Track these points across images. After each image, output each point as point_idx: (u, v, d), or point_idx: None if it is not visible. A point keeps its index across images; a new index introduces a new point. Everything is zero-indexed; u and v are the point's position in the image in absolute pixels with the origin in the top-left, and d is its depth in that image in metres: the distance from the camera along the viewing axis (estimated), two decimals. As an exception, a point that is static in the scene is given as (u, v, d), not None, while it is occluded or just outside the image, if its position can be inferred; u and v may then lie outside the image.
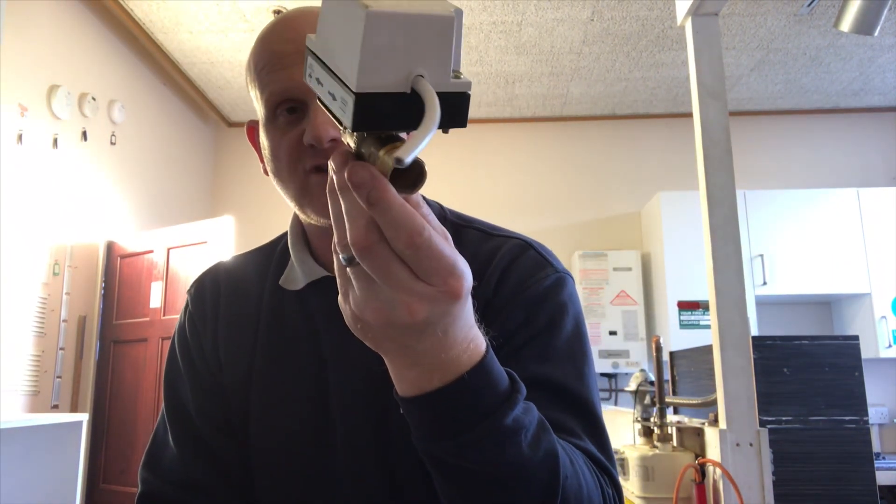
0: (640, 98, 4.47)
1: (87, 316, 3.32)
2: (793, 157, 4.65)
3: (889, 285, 3.97)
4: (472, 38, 3.68)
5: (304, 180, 0.70)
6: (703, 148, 1.82)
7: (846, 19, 2.16)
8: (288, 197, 0.73)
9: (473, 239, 0.77)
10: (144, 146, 3.83)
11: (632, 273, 4.19)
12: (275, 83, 0.69)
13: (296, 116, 0.70)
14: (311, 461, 0.74)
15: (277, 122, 0.70)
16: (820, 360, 1.80)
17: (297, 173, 0.70)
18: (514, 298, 0.71)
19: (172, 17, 3.43)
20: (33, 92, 2.91)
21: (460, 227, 0.80)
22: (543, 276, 0.72)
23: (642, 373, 2.10)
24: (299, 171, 0.70)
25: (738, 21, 3.51)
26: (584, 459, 0.61)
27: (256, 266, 0.85)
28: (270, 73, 0.69)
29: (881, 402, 4.16)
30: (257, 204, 4.62)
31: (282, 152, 0.70)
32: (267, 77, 0.70)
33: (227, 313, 0.82)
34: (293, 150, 0.69)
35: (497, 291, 0.71)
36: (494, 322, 0.67)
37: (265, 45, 0.71)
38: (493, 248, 0.75)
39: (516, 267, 0.73)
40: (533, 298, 0.70)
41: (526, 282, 0.72)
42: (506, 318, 0.69)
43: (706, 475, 1.69)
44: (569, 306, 0.72)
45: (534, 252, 0.75)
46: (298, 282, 0.78)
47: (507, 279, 0.72)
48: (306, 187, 0.70)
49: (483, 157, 4.74)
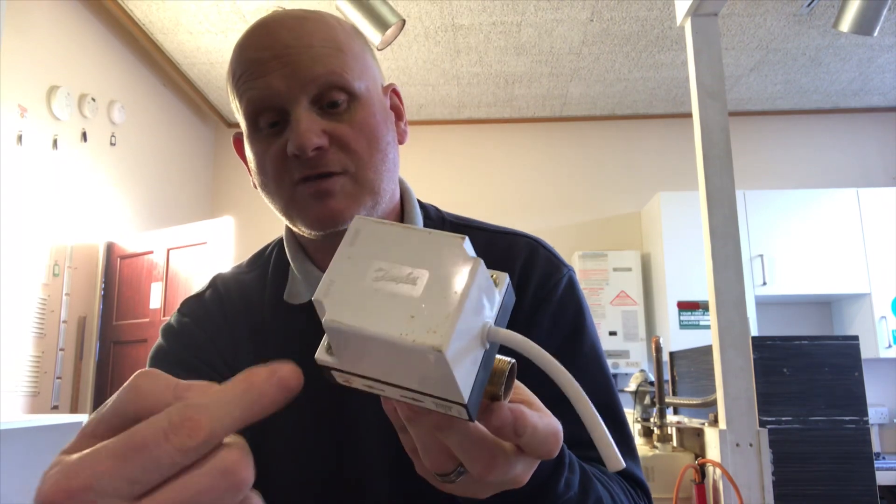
0: (640, 98, 4.47)
1: (86, 317, 3.32)
2: (793, 157, 4.65)
3: (889, 285, 3.97)
4: (472, 39, 3.68)
5: (292, 192, 0.67)
6: (703, 148, 1.82)
7: (846, 19, 2.17)
8: (277, 210, 0.71)
9: (480, 238, 0.77)
10: (144, 147, 3.83)
11: (632, 273, 4.19)
12: (252, 90, 0.66)
13: (278, 129, 0.66)
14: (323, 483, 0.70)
15: (260, 135, 0.67)
16: (820, 361, 1.80)
17: (285, 185, 0.67)
18: (539, 306, 0.72)
19: (172, 17, 3.44)
20: (33, 93, 2.91)
21: (461, 228, 0.80)
22: (560, 278, 0.74)
23: (642, 373, 2.10)
24: (286, 182, 0.67)
25: (737, 21, 3.51)
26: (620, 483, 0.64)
27: (253, 280, 0.80)
28: (248, 80, 0.66)
29: (881, 402, 4.16)
30: (257, 204, 4.61)
31: (267, 165, 0.67)
32: (244, 85, 0.66)
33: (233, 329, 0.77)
34: (278, 162, 0.66)
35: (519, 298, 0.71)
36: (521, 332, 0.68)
37: (242, 53, 0.67)
38: (506, 248, 0.76)
39: (532, 268, 0.74)
40: (556, 304, 0.72)
41: (545, 285, 0.73)
42: (534, 328, 0.71)
43: (706, 475, 1.69)
44: (584, 306, 0.75)
45: (544, 250, 0.77)
46: (302, 294, 0.75)
47: (526, 283, 0.73)
48: (294, 199, 0.67)
49: (483, 157, 4.74)
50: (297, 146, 0.63)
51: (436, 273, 0.35)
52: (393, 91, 0.76)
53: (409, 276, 0.35)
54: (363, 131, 0.67)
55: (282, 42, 0.65)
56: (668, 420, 1.95)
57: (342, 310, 0.35)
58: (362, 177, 0.67)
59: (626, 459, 0.68)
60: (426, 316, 0.33)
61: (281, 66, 0.65)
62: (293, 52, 0.65)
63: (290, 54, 0.65)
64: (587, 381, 0.69)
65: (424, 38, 3.66)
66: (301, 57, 0.65)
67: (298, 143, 0.63)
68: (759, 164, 4.60)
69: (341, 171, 0.66)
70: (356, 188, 0.67)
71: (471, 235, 0.78)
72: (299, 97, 0.65)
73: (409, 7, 3.32)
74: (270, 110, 0.66)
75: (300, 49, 0.65)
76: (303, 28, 0.66)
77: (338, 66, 0.66)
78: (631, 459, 0.69)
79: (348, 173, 0.67)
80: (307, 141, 0.63)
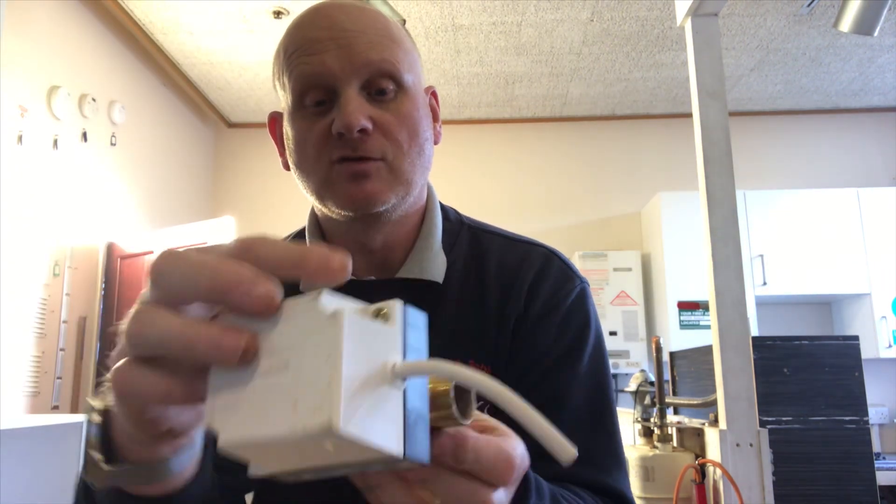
0: (640, 98, 4.47)
1: (87, 317, 3.32)
2: (793, 157, 4.65)
3: (889, 285, 3.97)
4: (472, 39, 3.68)
5: (328, 171, 0.68)
6: (703, 148, 1.82)
7: (846, 19, 2.17)
8: (308, 189, 0.72)
9: (497, 245, 0.79)
10: (145, 147, 3.83)
11: (632, 273, 4.19)
12: (305, 65, 0.67)
13: (324, 108, 0.68)
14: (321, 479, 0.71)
15: (305, 111, 0.69)
16: (820, 361, 1.80)
17: (322, 163, 0.68)
18: (548, 314, 0.73)
19: (172, 17, 3.44)
20: (33, 92, 2.91)
21: (479, 231, 0.82)
22: (571, 288, 0.76)
23: (642, 373, 2.10)
24: (324, 161, 0.68)
25: (737, 21, 3.51)
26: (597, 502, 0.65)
27: None
28: (301, 55, 0.67)
29: (881, 402, 4.16)
30: (257, 204, 4.62)
31: (308, 142, 0.68)
32: (297, 60, 0.68)
33: None
34: (321, 141, 0.68)
35: (528, 306, 0.74)
36: (528, 339, 0.72)
37: (297, 31, 0.69)
38: (520, 257, 0.78)
39: (545, 280, 0.75)
40: (564, 313, 0.74)
41: (556, 294, 0.75)
42: (540, 335, 0.72)
43: (706, 475, 1.69)
44: (593, 318, 0.76)
45: (559, 261, 0.78)
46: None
47: (537, 293, 0.74)
48: (329, 178, 0.69)
49: (483, 157, 4.74)
50: (345, 125, 0.64)
51: (304, 346, 0.32)
52: (432, 93, 0.78)
53: (282, 359, 0.32)
54: (406, 122, 0.69)
55: (340, 24, 0.67)
56: (669, 420, 1.95)
57: (231, 427, 0.32)
58: (398, 166, 0.69)
59: (613, 472, 0.69)
60: (308, 396, 0.30)
61: (336, 46, 0.66)
62: (350, 35, 0.67)
63: (346, 37, 0.66)
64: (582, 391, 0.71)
65: (425, 38, 3.66)
66: (358, 40, 0.67)
67: (346, 122, 0.64)
68: (759, 164, 4.60)
69: (380, 157, 0.68)
70: (391, 176, 0.69)
71: (487, 241, 0.80)
72: (351, 79, 0.66)
73: (409, 7, 3.32)
74: (319, 88, 0.67)
75: (357, 33, 0.67)
76: (361, 15, 0.69)
77: (391, 56, 0.68)
78: (617, 471, 0.69)
79: (386, 160, 0.68)
80: (355, 120, 0.64)
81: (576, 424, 0.69)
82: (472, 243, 0.80)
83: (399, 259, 0.76)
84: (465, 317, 0.75)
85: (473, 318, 0.75)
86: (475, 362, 0.73)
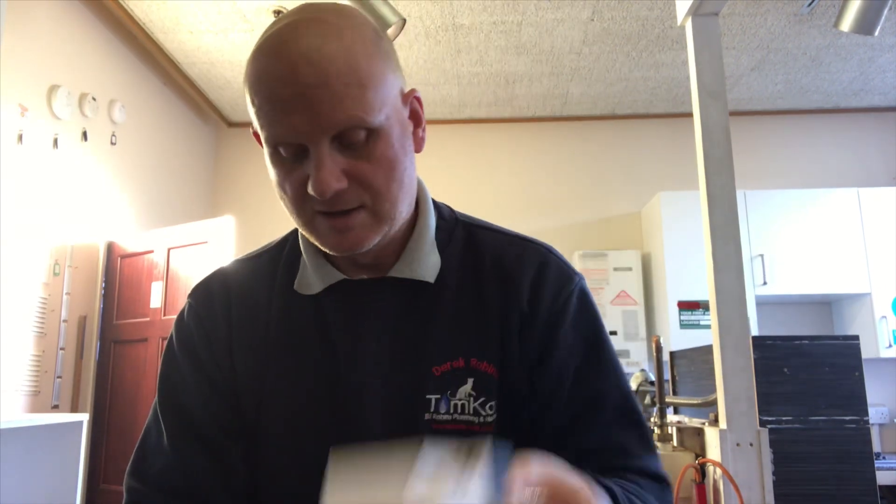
0: (640, 98, 4.47)
1: (87, 316, 3.32)
2: (793, 157, 4.65)
3: (889, 285, 3.97)
4: (473, 39, 3.68)
5: (311, 219, 0.69)
6: (703, 148, 1.82)
7: (846, 19, 2.17)
8: (295, 223, 0.73)
9: (492, 241, 0.80)
10: (145, 146, 3.83)
11: (632, 273, 4.19)
12: (275, 126, 0.65)
13: (298, 158, 0.67)
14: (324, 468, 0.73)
15: (280, 158, 0.68)
16: (820, 360, 1.80)
17: (305, 212, 0.69)
18: (557, 323, 0.76)
19: (172, 17, 3.43)
20: (33, 92, 2.91)
21: (474, 228, 0.82)
22: (572, 290, 0.78)
23: (642, 373, 2.10)
24: (307, 210, 0.69)
25: (738, 21, 3.51)
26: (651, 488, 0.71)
27: (264, 270, 0.83)
28: (269, 114, 0.65)
29: (881, 402, 4.16)
30: (257, 204, 4.62)
31: (287, 189, 0.68)
32: (266, 117, 0.66)
33: (239, 317, 0.79)
34: (298, 191, 0.67)
35: (532, 306, 0.76)
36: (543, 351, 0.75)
37: (261, 81, 0.65)
38: (517, 253, 0.79)
39: (544, 281, 0.77)
40: (573, 319, 0.76)
41: (558, 299, 0.76)
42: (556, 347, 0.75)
43: (706, 475, 1.69)
44: (597, 314, 0.80)
45: (555, 259, 0.80)
46: (314, 286, 0.77)
47: (539, 293, 0.76)
48: (313, 225, 0.70)
49: (483, 157, 4.74)
50: (318, 192, 0.65)
51: None
52: (415, 97, 0.75)
53: None
54: (381, 165, 0.68)
55: (303, 80, 0.63)
56: (669, 420, 1.95)
57: None
58: (379, 209, 0.69)
59: (647, 455, 0.74)
60: None
61: (303, 107, 0.64)
62: (314, 94, 0.63)
63: (310, 95, 0.63)
64: (611, 388, 0.75)
65: (425, 38, 3.66)
66: (322, 98, 0.63)
67: (318, 189, 0.64)
68: (760, 164, 4.60)
69: (359, 206, 0.68)
70: (374, 220, 0.69)
71: (482, 237, 0.81)
72: (320, 138, 0.65)
73: (409, 7, 3.32)
74: (290, 145, 0.66)
75: (321, 89, 0.63)
76: (322, 59, 0.64)
77: (359, 108, 0.65)
78: (651, 455, 0.75)
79: (366, 207, 0.68)
80: (326, 187, 0.64)
81: (615, 420, 0.74)
82: (468, 240, 0.81)
83: (391, 259, 0.77)
84: (463, 314, 0.75)
85: (472, 316, 0.75)
86: (477, 361, 0.72)
